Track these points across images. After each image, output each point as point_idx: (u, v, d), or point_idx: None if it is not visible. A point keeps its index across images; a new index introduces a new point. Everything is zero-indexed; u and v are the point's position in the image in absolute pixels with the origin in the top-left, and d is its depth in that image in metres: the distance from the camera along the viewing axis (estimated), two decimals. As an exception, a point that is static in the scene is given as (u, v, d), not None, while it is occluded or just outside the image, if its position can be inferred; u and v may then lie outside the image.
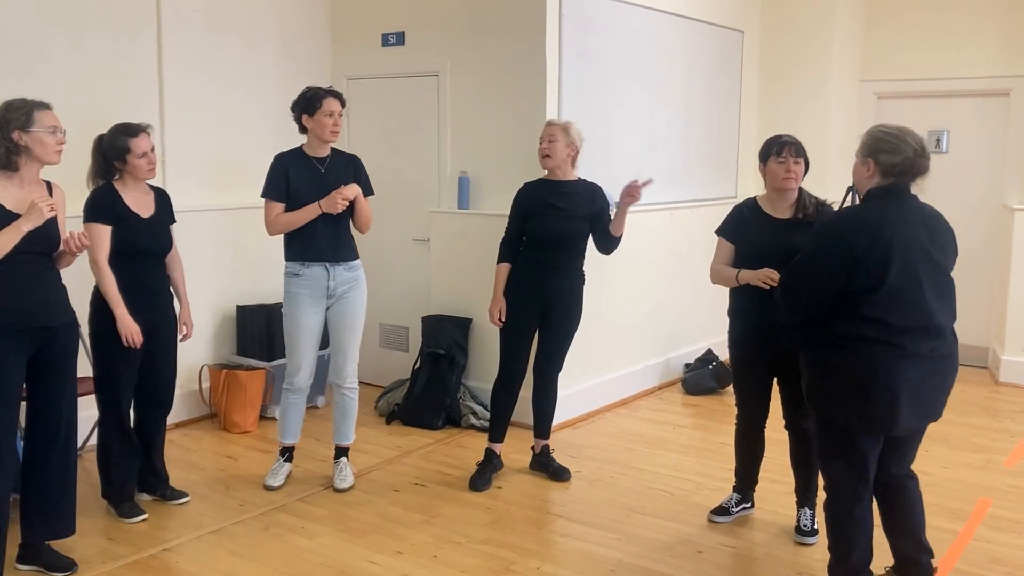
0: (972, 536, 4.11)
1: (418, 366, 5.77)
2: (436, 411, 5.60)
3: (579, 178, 4.66)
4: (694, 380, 6.47)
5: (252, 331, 5.73)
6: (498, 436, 4.79)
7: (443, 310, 5.89)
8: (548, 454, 4.87)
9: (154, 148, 4.13)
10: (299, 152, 4.46)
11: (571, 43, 5.53)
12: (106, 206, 4.02)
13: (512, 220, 4.67)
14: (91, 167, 4.10)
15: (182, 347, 4.45)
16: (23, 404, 3.65)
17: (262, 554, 3.89)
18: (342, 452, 4.70)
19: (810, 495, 4.04)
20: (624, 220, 4.55)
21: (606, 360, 6.05)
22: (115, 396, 4.14)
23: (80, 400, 3.98)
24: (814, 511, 4.04)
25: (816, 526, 4.02)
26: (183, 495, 4.45)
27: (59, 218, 3.57)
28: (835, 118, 7.23)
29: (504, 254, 4.68)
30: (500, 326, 4.64)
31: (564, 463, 4.87)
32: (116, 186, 4.08)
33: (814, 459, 3.69)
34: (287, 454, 4.69)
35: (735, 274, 3.88)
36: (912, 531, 3.41)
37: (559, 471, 4.80)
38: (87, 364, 4.26)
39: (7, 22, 4.72)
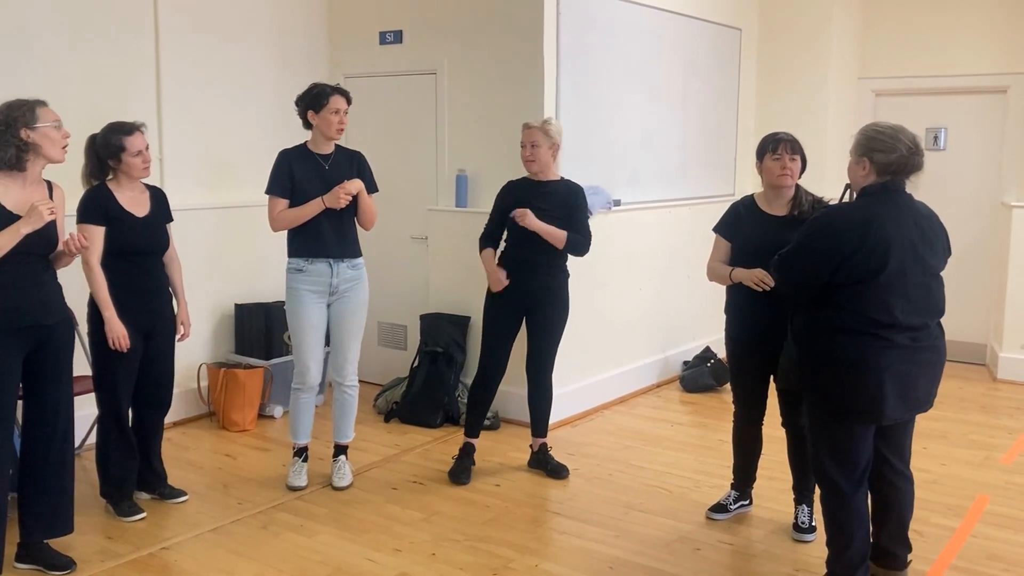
0: (970, 533, 4.11)
1: (416, 364, 5.77)
2: (434, 409, 5.61)
3: (561, 178, 4.69)
4: (692, 378, 6.48)
5: (251, 330, 5.73)
6: (475, 432, 4.81)
7: (441, 308, 5.89)
8: (546, 452, 4.88)
9: (148, 146, 4.12)
10: (303, 148, 4.46)
11: (569, 41, 5.54)
12: (98, 207, 4.01)
13: (492, 215, 4.72)
14: (84, 167, 4.08)
15: (180, 346, 4.45)
16: (20, 403, 3.66)
17: (261, 552, 3.90)
18: (341, 450, 4.69)
19: (808, 492, 4.05)
20: (544, 231, 4.52)
21: (604, 358, 6.06)
22: (114, 395, 4.14)
23: (79, 399, 3.99)
24: (812, 508, 4.04)
25: (814, 523, 4.03)
26: (182, 494, 4.45)
27: (58, 219, 3.57)
28: (833, 116, 7.23)
29: (485, 243, 4.71)
30: (508, 283, 4.61)
31: (562, 460, 4.88)
32: (110, 186, 4.07)
33: (811, 456, 3.71)
34: (303, 454, 4.66)
35: (729, 272, 3.91)
36: (897, 529, 3.47)
37: (557, 469, 4.81)
38: (86, 363, 4.27)
39: (6, 22, 4.72)
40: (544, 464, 4.85)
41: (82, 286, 4.02)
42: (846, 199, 3.40)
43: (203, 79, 5.62)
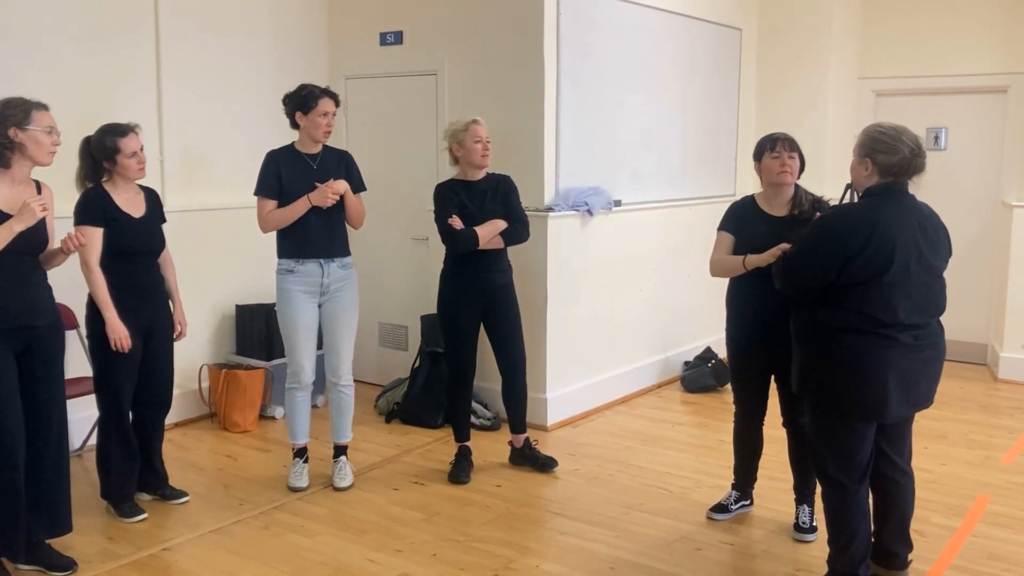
0: (970, 532, 4.11)
1: (417, 365, 5.77)
2: (435, 410, 5.61)
3: (488, 174, 4.68)
4: (693, 378, 6.48)
5: (251, 330, 5.73)
6: (465, 435, 4.82)
7: (442, 309, 5.89)
8: (531, 447, 4.88)
9: (143, 148, 4.12)
10: (291, 149, 4.48)
11: (569, 41, 5.54)
12: (96, 208, 4.01)
13: (442, 215, 4.59)
14: (79, 169, 4.08)
15: (181, 347, 4.45)
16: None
17: (262, 553, 3.90)
18: (341, 451, 4.70)
19: (809, 492, 4.05)
20: (485, 238, 4.51)
21: (605, 358, 6.06)
22: (114, 396, 4.14)
23: (79, 400, 3.99)
24: (813, 508, 4.04)
25: (815, 523, 4.03)
26: (183, 494, 4.45)
27: (48, 219, 3.57)
28: (833, 116, 7.23)
29: (462, 233, 4.53)
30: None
31: (563, 461, 4.88)
32: (106, 187, 4.07)
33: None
34: (304, 454, 4.66)
35: (741, 260, 3.80)
36: (898, 527, 3.47)
37: (546, 462, 4.82)
38: (86, 364, 4.27)
39: (7, 23, 4.72)
40: (532, 460, 4.85)
41: (81, 287, 4.03)
42: (847, 199, 3.41)
43: (204, 81, 5.62)
